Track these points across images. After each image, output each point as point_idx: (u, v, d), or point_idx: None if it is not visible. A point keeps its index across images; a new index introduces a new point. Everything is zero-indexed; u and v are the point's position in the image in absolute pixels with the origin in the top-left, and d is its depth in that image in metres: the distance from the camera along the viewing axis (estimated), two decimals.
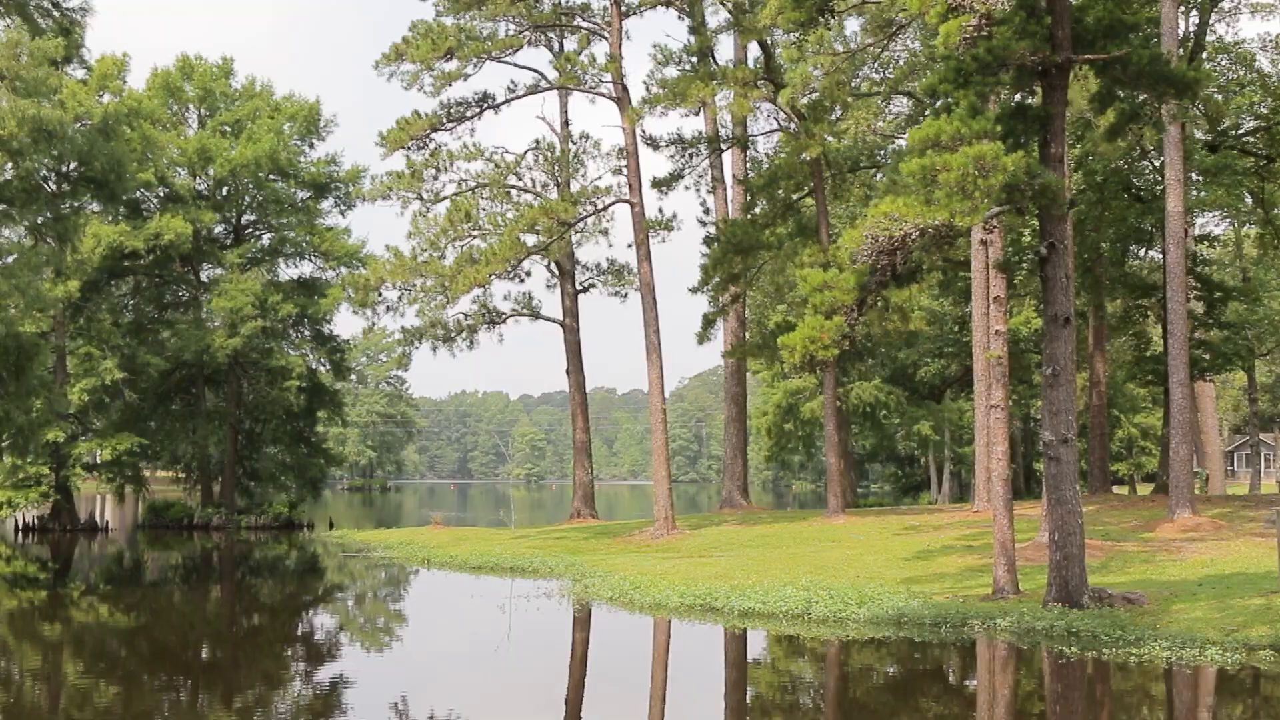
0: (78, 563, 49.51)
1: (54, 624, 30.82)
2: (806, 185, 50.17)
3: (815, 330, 23.07)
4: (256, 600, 36.30)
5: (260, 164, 67.09)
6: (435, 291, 52.02)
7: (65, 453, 61.92)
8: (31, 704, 20.17)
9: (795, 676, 22.47)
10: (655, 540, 44.22)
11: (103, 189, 51.59)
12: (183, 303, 71.43)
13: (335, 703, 19.79)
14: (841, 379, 59.96)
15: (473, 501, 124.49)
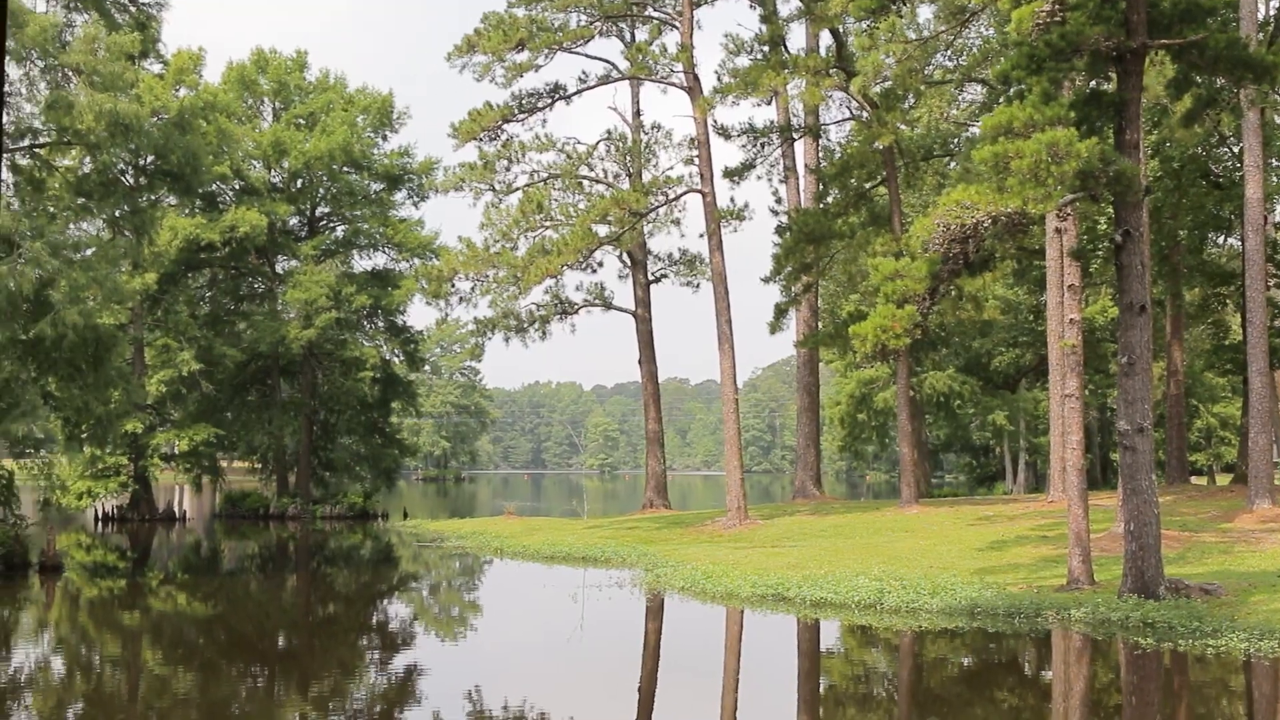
0: (156, 552, 50.08)
1: (133, 612, 31.18)
2: (879, 174, 49.90)
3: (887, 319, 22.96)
4: (332, 589, 36.58)
5: (334, 156, 67.46)
6: (508, 282, 52.21)
7: (143, 443, 62.59)
8: (112, 691, 20.43)
9: (868, 667, 22.40)
10: (728, 530, 44.18)
11: (179, 182, 51.95)
12: (258, 294, 72.02)
13: (409, 692, 19.90)
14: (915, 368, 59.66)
15: (546, 492, 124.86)
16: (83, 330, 37.19)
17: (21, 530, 38.42)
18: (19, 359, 37.28)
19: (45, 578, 36.17)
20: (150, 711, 18.41)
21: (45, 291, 36.37)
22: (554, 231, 52.88)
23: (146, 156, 52.87)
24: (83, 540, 52.27)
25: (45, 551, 37.68)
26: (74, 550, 45.92)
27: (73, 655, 24.61)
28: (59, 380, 39.42)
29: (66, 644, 25.89)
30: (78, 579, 37.43)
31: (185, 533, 60.12)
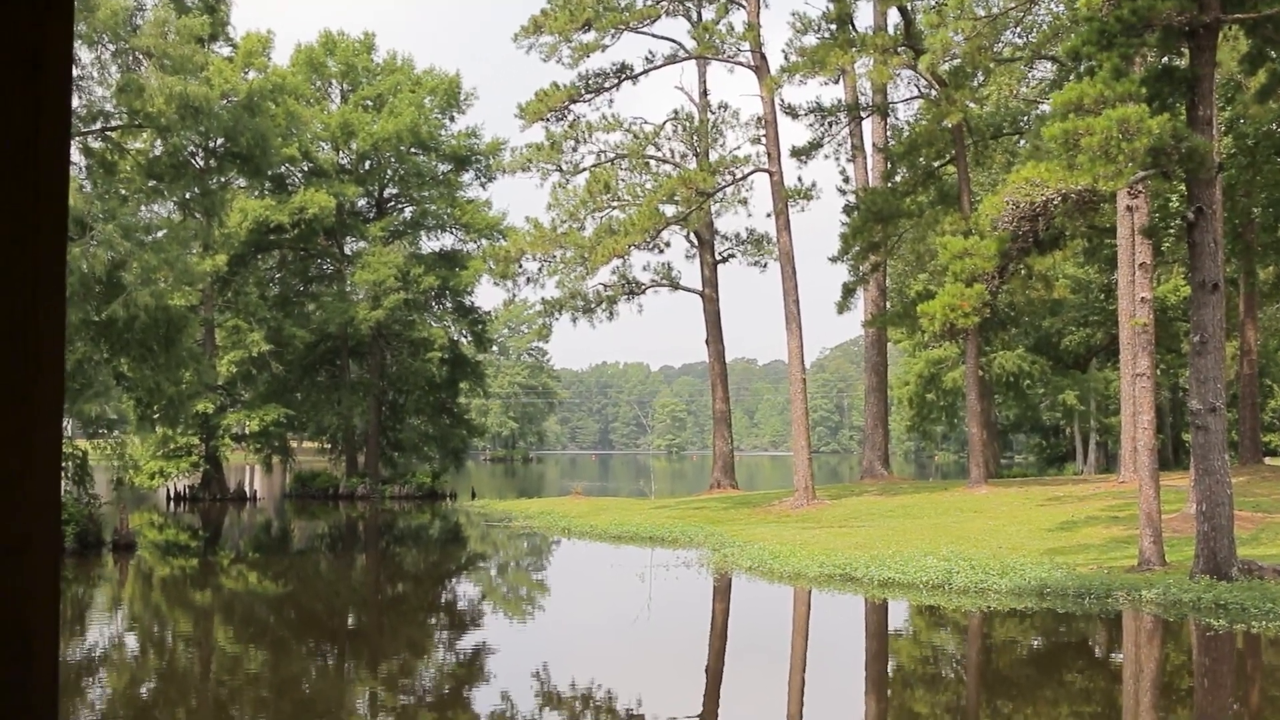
0: (227, 531, 50.54)
1: (205, 591, 31.49)
2: (947, 152, 49.52)
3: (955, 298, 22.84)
4: (401, 568, 36.79)
5: (402, 138, 67.73)
6: (575, 263, 52.31)
7: (214, 423, 63.17)
8: (184, 668, 20.63)
9: (937, 648, 22.29)
10: (795, 510, 44.07)
11: (248, 164, 52.30)
12: (327, 276, 72.43)
13: (478, 671, 19.98)
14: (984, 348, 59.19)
15: (613, 472, 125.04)
16: (154, 311, 37.54)
17: (95, 509, 38.85)
18: (92, 340, 37.69)
19: (118, 556, 36.58)
20: (222, 689, 18.58)
21: (117, 273, 36.74)
22: (621, 212, 52.90)
23: (216, 139, 53.25)
24: (155, 519, 52.83)
25: (118, 530, 38.10)
26: (146, 529, 46.42)
27: (145, 633, 24.88)
28: (131, 361, 39.82)
29: (139, 621, 26.18)
30: (150, 557, 37.83)
31: (256, 512, 60.64)
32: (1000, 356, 65.85)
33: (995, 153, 55.46)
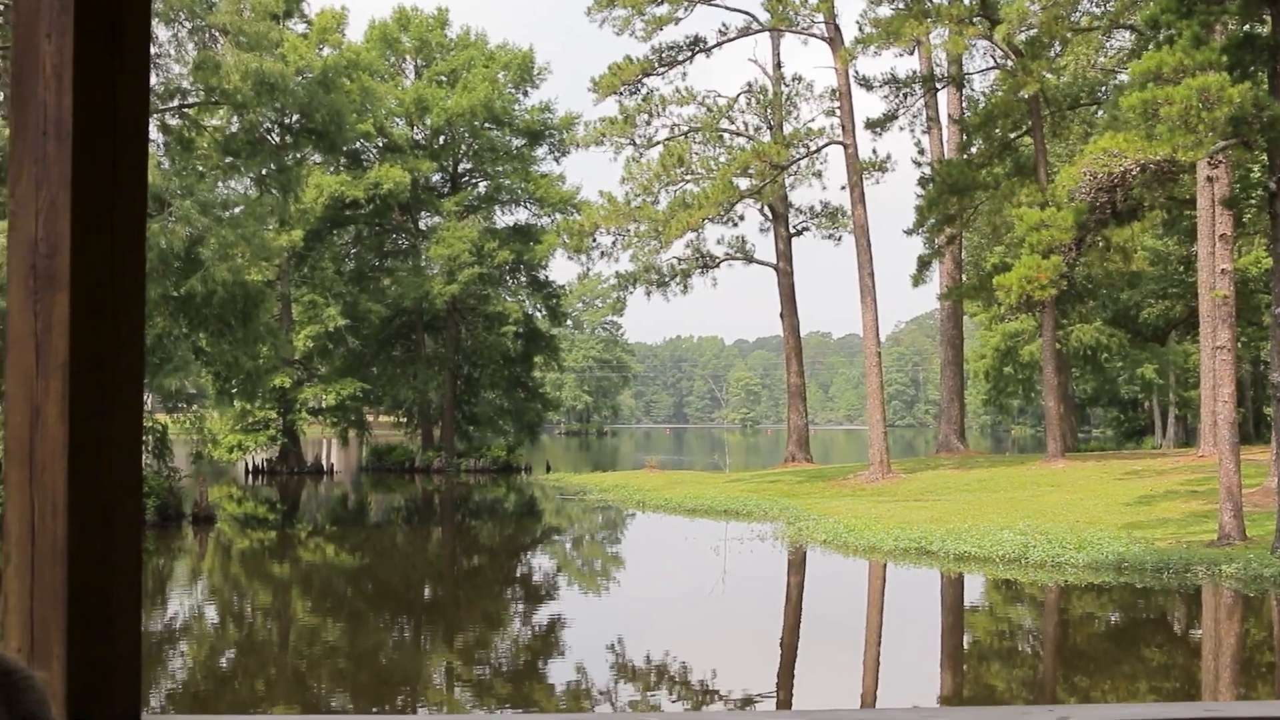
0: (305, 504, 51.02)
1: (283, 563, 31.82)
2: (1024, 124, 49.04)
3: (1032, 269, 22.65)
4: (476, 541, 37.01)
5: (475, 113, 67.90)
6: (649, 236, 52.30)
7: (291, 398, 63.71)
8: (263, 639, 20.87)
9: (1013, 622, 22.19)
10: (870, 484, 43.95)
11: (323, 140, 52.69)
12: (402, 250, 72.78)
13: (553, 643, 20.09)
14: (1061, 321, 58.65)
15: (687, 446, 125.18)
16: (232, 287, 37.91)
17: (175, 482, 39.31)
18: (171, 315, 38.11)
19: (198, 528, 37.02)
20: (300, 660, 18.78)
21: (195, 249, 37.11)
22: (695, 185, 52.84)
23: (292, 115, 53.63)
24: (234, 492, 53.39)
25: (198, 503, 38.54)
26: (225, 502, 46.92)
27: (225, 604, 25.18)
28: (209, 336, 40.24)
29: (219, 593, 26.50)
30: (229, 530, 38.26)
31: (333, 485, 61.18)
32: (1078, 329, 65.25)
33: (1072, 124, 54.87)
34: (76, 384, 2.46)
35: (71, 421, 2.46)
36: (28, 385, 2.48)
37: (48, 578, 2.47)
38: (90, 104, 2.51)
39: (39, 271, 2.48)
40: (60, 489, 2.46)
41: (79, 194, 2.47)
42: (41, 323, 2.47)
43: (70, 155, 2.46)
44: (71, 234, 2.46)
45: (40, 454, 2.47)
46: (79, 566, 2.48)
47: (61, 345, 2.46)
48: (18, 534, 2.49)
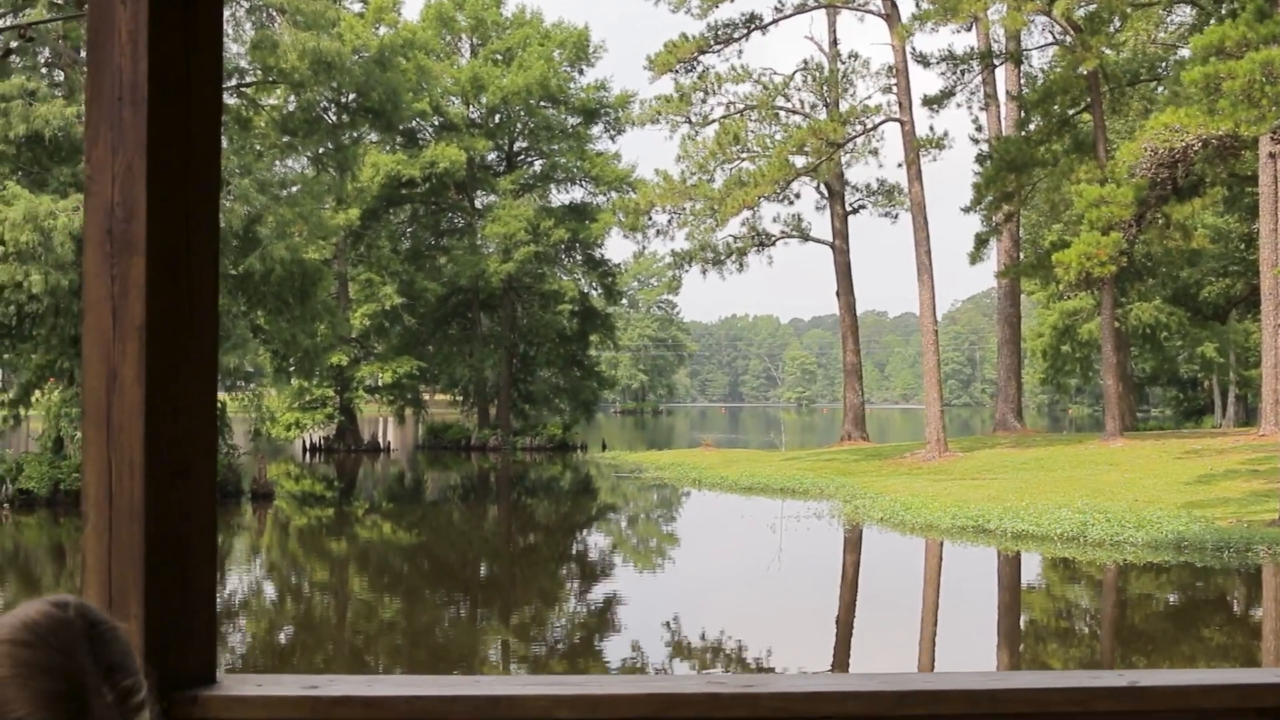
0: (362, 482, 51.28)
1: (340, 540, 32.03)
2: (1083, 100, 48.59)
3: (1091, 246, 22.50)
4: (532, 519, 37.12)
5: (531, 91, 67.92)
6: (704, 214, 52.24)
7: (348, 376, 64.02)
8: (321, 616, 21.02)
9: (1071, 601, 22.08)
10: (927, 462, 43.79)
11: (380, 119, 52.89)
12: (458, 229, 72.96)
13: (609, 621, 20.13)
14: (1120, 299, 58.18)
15: (743, 424, 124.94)
16: (289, 265, 38.12)
17: (234, 459, 39.59)
18: (229, 293, 38.34)
19: (257, 505, 37.29)
20: (358, 636, 18.90)
21: (253, 227, 37.35)
22: (750, 163, 52.70)
23: (348, 94, 53.89)
24: (291, 470, 53.73)
25: (256, 480, 38.81)
26: (283, 479, 47.22)
27: (283, 580, 25.38)
28: (267, 314, 40.49)
29: (277, 569, 26.70)
30: (287, 507, 38.52)
31: (389, 463, 61.46)
32: (1136, 308, 64.75)
33: (1132, 100, 54.37)
34: (153, 346, 2.49)
35: (148, 383, 2.49)
36: (104, 348, 2.51)
37: (125, 537, 2.50)
38: (165, 70, 2.53)
39: (115, 236, 2.50)
40: (137, 450, 2.49)
41: (154, 159, 2.49)
42: (118, 286, 2.49)
43: (145, 121, 2.49)
44: (147, 199, 2.49)
45: (117, 415, 2.49)
46: (156, 526, 2.51)
47: (138, 308, 2.48)
48: (95, 494, 2.52)
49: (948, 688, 2.70)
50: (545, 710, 2.59)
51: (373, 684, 2.67)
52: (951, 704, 2.66)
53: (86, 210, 2.53)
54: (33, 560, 27.77)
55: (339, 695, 2.60)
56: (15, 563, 27.42)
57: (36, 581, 23.55)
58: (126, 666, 1.79)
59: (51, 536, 30.84)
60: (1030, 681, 2.76)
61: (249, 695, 2.61)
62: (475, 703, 2.60)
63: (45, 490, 34.99)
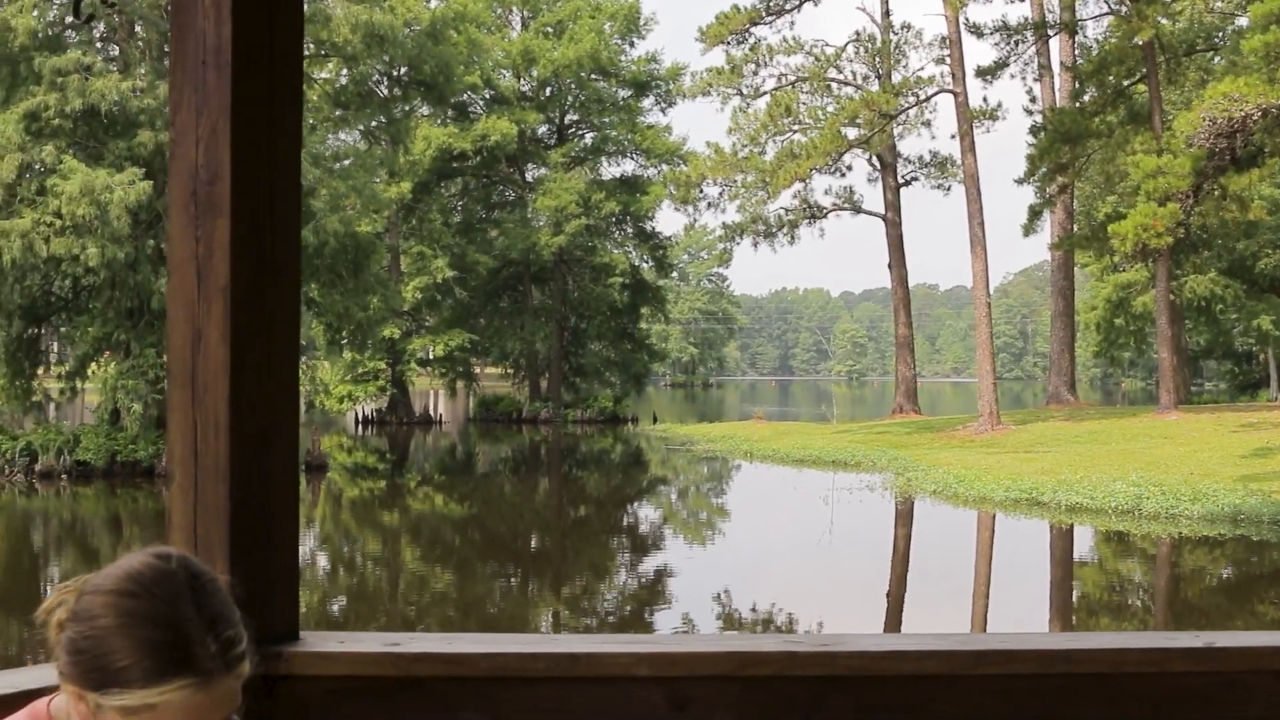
0: (413, 454, 51.52)
1: (392, 512, 32.20)
2: (1138, 70, 48.18)
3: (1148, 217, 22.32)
4: (583, 491, 37.18)
5: (582, 64, 67.86)
6: (756, 187, 52.15)
7: (400, 349, 64.31)
8: (374, 587, 21.16)
9: (1125, 574, 21.99)
10: (979, 435, 43.63)
11: (432, 92, 52.98)
12: (509, 202, 73.09)
13: (659, 593, 20.16)
14: (1175, 272, 57.76)
15: (793, 398, 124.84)
16: (343, 238, 38.30)
17: None
18: None
19: (310, 477, 37.49)
20: (410, 607, 19.01)
21: (307, 200, 37.49)
22: (802, 135, 52.55)
23: (400, 67, 53.95)
24: (344, 442, 54.01)
25: (310, 452, 39.03)
26: (336, 452, 47.47)
27: (336, 551, 25.54)
28: (321, 286, 40.66)
29: (330, 541, 26.86)
30: (340, 479, 38.73)
31: (441, 436, 61.70)
32: (1192, 280, 64.22)
33: (1188, 70, 53.79)
34: (237, 307, 2.52)
35: (233, 344, 2.52)
36: (189, 309, 2.54)
37: (211, 496, 2.53)
38: (248, 33, 2.55)
39: (200, 198, 2.53)
40: (222, 409, 2.52)
41: (238, 121, 2.52)
42: (203, 248, 2.52)
43: (230, 83, 2.51)
44: (231, 161, 2.51)
45: (203, 376, 2.53)
46: (240, 485, 2.54)
47: (222, 269, 2.51)
48: (181, 453, 2.56)
49: (1023, 647, 2.71)
50: (625, 667, 2.62)
51: (452, 641, 2.71)
52: (1026, 663, 2.67)
53: (171, 173, 2.56)
54: (90, 531, 28.05)
55: (420, 652, 2.63)
56: (73, 534, 27.71)
57: (94, 553, 23.78)
58: (228, 617, 1.83)
59: (109, 507, 31.14)
60: (1105, 642, 2.77)
61: (332, 651, 2.66)
62: (555, 659, 2.63)
63: (102, 461, 35.34)
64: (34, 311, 37.80)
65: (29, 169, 34.96)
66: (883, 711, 2.66)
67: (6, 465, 35.28)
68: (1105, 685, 2.68)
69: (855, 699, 2.66)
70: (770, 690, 2.65)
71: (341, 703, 2.63)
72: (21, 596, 19.38)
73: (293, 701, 2.60)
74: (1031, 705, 2.67)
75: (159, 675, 1.73)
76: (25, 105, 34.45)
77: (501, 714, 2.62)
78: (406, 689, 2.62)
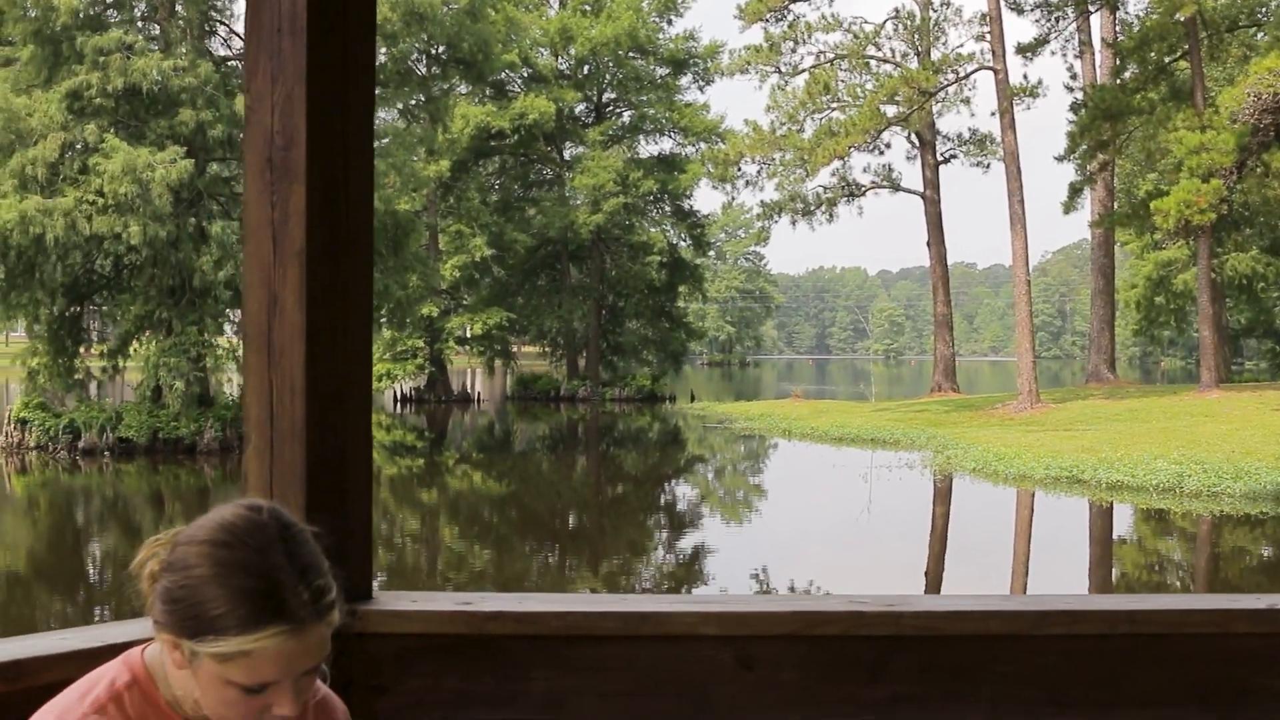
0: (451, 432, 51.64)
1: (431, 490, 32.31)
2: (1180, 47, 47.81)
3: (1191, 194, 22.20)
4: (621, 470, 37.24)
5: (620, 42, 67.77)
6: (794, 165, 52.01)
7: (439, 327, 64.43)
8: (413, 564, 21.26)
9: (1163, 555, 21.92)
10: (1018, 414, 43.50)
11: (470, 70, 53.03)
12: (546, 181, 73.14)
13: (697, 571, 20.19)
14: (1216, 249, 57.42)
15: (830, 376, 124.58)
16: (382, 216, 38.38)
17: None
18: None
19: None
20: (447, 584, 19.10)
21: None
22: (841, 113, 52.41)
23: (439, 46, 54.00)
24: (383, 420, 54.17)
25: None
26: (375, 430, 47.32)
27: (375, 529, 25.63)
28: None
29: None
30: (378, 457, 38.82)
31: (479, 414, 61.82)
32: (1233, 258, 63.86)
33: (1230, 46, 53.37)
34: (312, 272, 2.56)
35: (308, 307, 2.56)
36: (265, 273, 2.58)
37: (287, 457, 2.58)
38: (323, 1, 2.59)
39: (275, 164, 2.57)
40: (298, 372, 2.56)
41: (313, 87, 2.56)
42: (279, 213, 2.56)
43: (305, 49, 2.55)
44: (307, 127, 2.55)
45: (279, 339, 2.57)
46: (316, 446, 2.59)
47: (298, 234, 2.55)
48: (257, 416, 2.60)
49: (1087, 608, 2.74)
50: (692, 626, 2.66)
51: (524, 601, 2.76)
52: (1090, 624, 2.70)
53: (246, 139, 2.60)
54: (132, 508, 28.27)
55: (492, 611, 2.68)
56: (115, 510, 27.93)
57: (136, 529, 23.97)
58: (318, 566, 1.87)
59: (151, 484, 31.36)
60: (1169, 603, 2.80)
61: (406, 610, 2.70)
62: (624, 618, 2.67)
63: (144, 439, 35.62)
64: (76, 290, 38.10)
65: (71, 148, 35.21)
66: (946, 670, 2.69)
67: (50, 442, 35.64)
68: (1168, 646, 2.71)
69: (919, 658, 2.69)
70: (836, 649, 2.69)
71: (415, 660, 2.68)
72: (66, 573, 19.58)
73: (367, 659, 2.65)
74: (1094, 665, 2.70)
75: (253, 623, 1.78)
76: (68, 84, 34.71)
77: (571, 671, 2.67)
78: (478, 647, 2.67)
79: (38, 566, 20.11)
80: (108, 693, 1.91)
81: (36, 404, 37.17)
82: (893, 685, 2.69)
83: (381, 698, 2.68)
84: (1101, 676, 2.70)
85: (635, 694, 2.68)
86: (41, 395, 37.71)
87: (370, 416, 2.77)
